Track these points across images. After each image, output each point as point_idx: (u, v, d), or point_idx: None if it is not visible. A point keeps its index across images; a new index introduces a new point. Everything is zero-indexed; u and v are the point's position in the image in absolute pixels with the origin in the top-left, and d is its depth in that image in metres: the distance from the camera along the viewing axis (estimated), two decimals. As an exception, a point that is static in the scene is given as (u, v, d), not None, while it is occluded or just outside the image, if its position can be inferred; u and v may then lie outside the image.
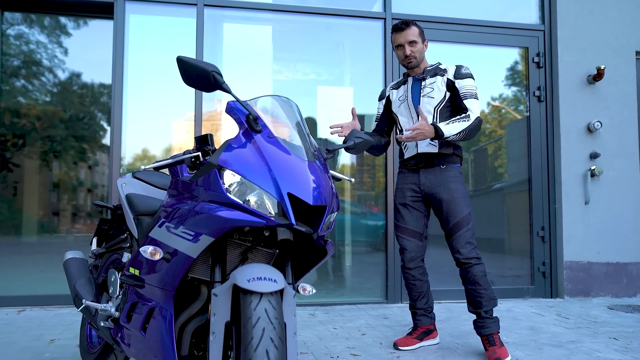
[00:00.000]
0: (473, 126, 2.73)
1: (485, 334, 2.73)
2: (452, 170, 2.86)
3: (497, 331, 2.74)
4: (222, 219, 1.46)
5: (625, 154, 4.61)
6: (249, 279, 1.40)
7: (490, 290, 2.76)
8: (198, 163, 1.68)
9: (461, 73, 2.85)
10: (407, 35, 2.87)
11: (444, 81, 2.86)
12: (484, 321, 2.74)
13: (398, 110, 3.00)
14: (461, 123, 2.71)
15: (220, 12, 4.27)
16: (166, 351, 1.60)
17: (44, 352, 2.74)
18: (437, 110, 2.86)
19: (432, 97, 2.86)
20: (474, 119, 2.74)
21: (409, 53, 2.89)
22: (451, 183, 2.82)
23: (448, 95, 2.86)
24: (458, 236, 2.78)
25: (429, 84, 2.89)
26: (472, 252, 2.76)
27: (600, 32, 4.65)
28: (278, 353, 1.32)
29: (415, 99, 2.92)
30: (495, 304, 2.76)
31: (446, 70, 2.89)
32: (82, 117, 4.45)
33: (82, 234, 4.41)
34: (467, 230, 2.78)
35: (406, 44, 2.88)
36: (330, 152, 1.88)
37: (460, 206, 2.79)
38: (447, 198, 2.80)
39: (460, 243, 2.77)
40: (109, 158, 4.14)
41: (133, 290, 1.82)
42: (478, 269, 2.75)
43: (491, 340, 2.71)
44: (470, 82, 2.84)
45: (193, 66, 1.61)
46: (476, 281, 2.74)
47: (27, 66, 4.32)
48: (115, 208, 2.43)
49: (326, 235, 1.69)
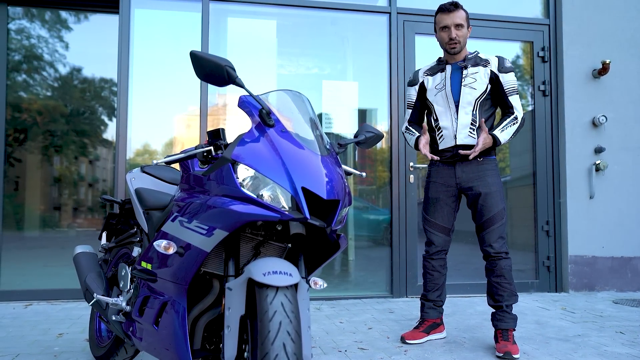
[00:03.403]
0: (520, 127, 2.77)
1: (502, 327, 2.73)
2: (489, 163, 2.82)
3: (513, 328, 2.74)
4: (237, 213, 1.46)
5: (630, 149, 4.60)
6: (264, 273, 1.40)
7: (513, 286, 2.77)
8: (210, 157, 1.68)
9: (505, 67, 2.79)
10: (455, 18, 2.76)
11: (487, 73, 2.78)
12: (504, 315, 2.74)
13: (434, 99, 2.88)
14: (513, 127, 2.74)
15: (225, 6, 4.25)
16: (179, 345, 1.61)
17: (53, 346, 2.75)
18: (478, 102, 2.79)
19: (474, 88, 2.77)
20: (520, 119, 2.76)
21: (454, 36, 2.77)
22: (488, 177, 2.79)
23: (490, 88, 2.79)
24: (491, 230, 2.76)
25: (471, 74, 2.79)
26: (503, 246, 2.76)
27: (605, 26, 4.63)
28: (295, 346, 1.32)
29: (455, 88, 2.81)
30: (516, 300, 2.77)
31: (488, 61, 2.80)
32: (83, 112, 4.45)
33: (84, 228, 4.42)
34: (501, 225, 2.76)
35: (453, 26, 2.77)
36: (342, 146, 1.88)
37: (496, 200, 2.76)
38: (484, 192, 2.77)
39: (493, 237, 2.75)
40: (114, 152, 4.13)
41: (145, 285, 1.82)
42: (506, 263, 2.75)
43: (505, 335, 2.71)
44: (513, 76, 2.79)
45: (207, 61, 1.60)
46: (502, 274, 2.74)
47: (29, 61, 4.31)
48: (124, 202, 2.43)
49: (339, 230, 1.69)
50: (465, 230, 4.50)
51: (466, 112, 2.79)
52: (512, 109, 2.77)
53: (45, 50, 4.34)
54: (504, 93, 2.78)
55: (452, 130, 2.81)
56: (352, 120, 4.45)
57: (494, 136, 2.71)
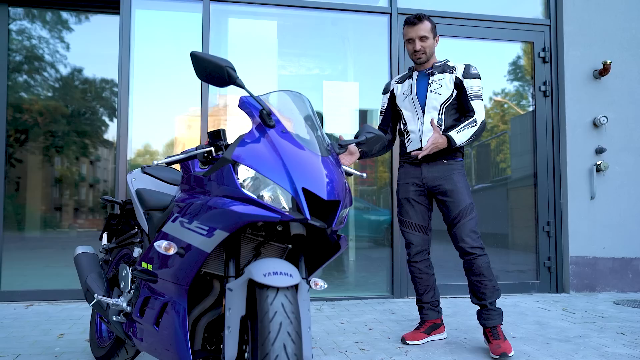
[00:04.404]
0: (480, 130, 2.79)
1: (490, 325, 2.73)
2: (455, 164, 2.87)
3: (501, 323, 2.74)
4: (237, 214, 1.46)
5: (631, 149, 4.60)
6: (265, 274, 1.40)
7: (494, 281, 2.76)
8: (211, 158, 1.68)
9: (470, 73, 2.86)
10: (419, 30, 2.87)
11: (452, 79, 2.86)
12: (489, 312, 2.74)
13: (402, 104, 2.99)
14: (470, 129, 2.76)
15: (226, 6, 4.26)
16: (180, 345, 1.61)
17: (53, 347, 2.75)
18: (443, 107, 2.86)
19: (440, 94, 2.86)
20: (480, 122, 2.79)
21: (419, 48, 2.88)
22: (454, 175, 2.84)
23: (455, 94, 2.86)
24: (462, 224, 2.76)
25: (437, 80, 2.89)
26: (476, 241, 2.75)
27: (606, 26, 4.63)
28: (295, 347, 1.32)
29: (421, 93, 2.91)
30: (498, 295, 2.76)
31: (455, 68, 2.89)
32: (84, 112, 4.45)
33: (85, 229, 4.42)
34: (471, 219, 2.77)
35: (417, 38, 2.88)
36: (342, 146, 1.88)
37: (463, 195, 2.79)
38: (450, 188, 2.81)
39: (464, 231, 2.75)
40: (115, 153, 4.13)
41: (145, 285, 1.82)
42: (482, 260, 2.74)
43: (495, 333, 2.71)
44: (478, 82, 2.85)
45: (207, 62, 1.60)
46: (481, 272, 2.73)
47: (29, 61, 4.32)
48: (124, 203, 2.43)
49: (339, 230, 1.69)
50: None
51: (432, 116, 2.87)
52: (472, 112, 2.82)
53: (46, 50, 4.35)
54: (466, 98, 2.84)
55: (419, 134, 2.90)
56: (353, 121, 4.45)
57: (448, 137, 2.72)
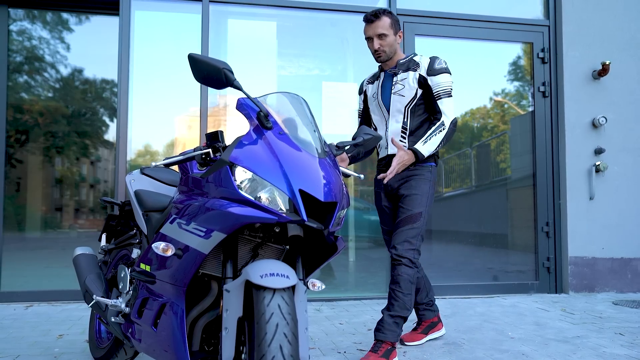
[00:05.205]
0: (450, 132, 2.60)
1: (377, 337, 2.52)
2: (421, 169, 2.67)
3: (391, 342, 2.51)
4: (234, 215, 1.47)
5: (630, 150, 4.60)
6: (262, 275, 1.40)
7: (408, 299, 2.53)
8: (208, 160, 1.69)
9: (434, 68, 2.62)
10: (376, 28, 2.64)
11: (415, 78, 2.64)
12: (385, 327, 2.53)
13: (371, 107, 2.82)
14: (438, 136, 2.56)
15: (225, 8, 4.26)
16: (177, 346, 1.61)
17: (53, 347, 2.76)
18: (408, 109, 2.67)
19: (403, 95, 2.66)
20: (449, 125, 2.59)
21: (377, 47, 2.66)
22: (413, 180, 2.66)
23: (420, 93, 2.65)
24: (400, 232, 2.58)
25: (400, 80, 2.68)
26: (407, 252, 2.54)
27: (605, 27, 4.63)
28: (291, 348, 1.33)
29: (386, 96, 2.73)
30: (406, 314, 2.54)
31: (419, 65, 2.66)
32: (85, 113, 4.47)
33: (85, 229, 4.43)
34: (411, 228, 2.56)
35: (375, 37, 2.66)
36: (340, 148, 1.89)
37: (413, 203, 2.60)
38: (404, 193, 2.65)
39: (398, 239, 2.56)
40: (115, 154, 4.14)
41: (144, 286, 1.83)
42: (405, 270, 2.53)
43: (376, 347, 2.50)
44: (445, 78, 2.62)
45: (204, 63, 1.61)
46: (398, 281, 2.53)
47: (30, 62, 4.33)
48: (123, 204, 2.44)
49: (336, 231, 1.69)
50: (465, 231, 4.51)
51: (397, 120, 2.70)
52: (439, 114, 2.62)
53: (47, 51, 4.36)
54: (433, 97, 2.64)
55: (385, 140, 2.76)
56: (352, 122, 4.46)
57: (414, 151, 2.54)
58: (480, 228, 4.55)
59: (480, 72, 4.71)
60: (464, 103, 4.72)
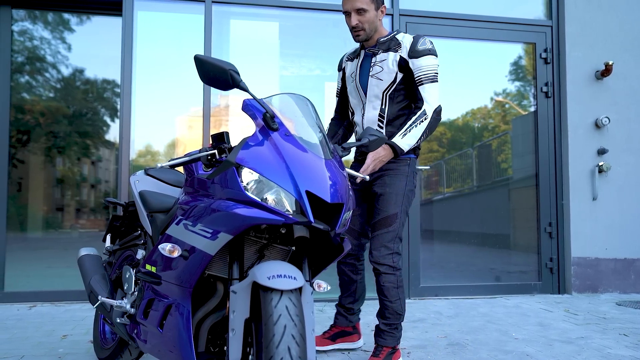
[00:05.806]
0: (434, 122, 2.33)
1: (378, 342, 2.47)
2: (398, 162, 2.42)
3: (391, 346, 2.44)
4: (241, 217, 1.46)
5: (634, 150, 4.60)
6: (269, 277, 1.40)
7: (397, 304, 2.42)
8: (214, 161, 1.69)
9: (417, 50, 2.32)
10: (355, 2, 2.34)
11: (395, 60, 2.35)
12: (383, 333, 2.46)
13: (349, 90, 2.54)
14: (419, 127, 2.29)
15: (228, 8, 4.26)
16: (183, 347, 1.61)
17: (57, 348, 2.76)
18: (386, 95, 2.39)
19: (381, 79, 2.38)
20: (431, 114, 2.31)
21: (355, 24, 2.37)
22: (387, 176, 2.42)
23: (400, 77, 2.37)
24: (376, 236, 2.40)
25: (379, 62, 2.39)
26: (385, 258, 2.37)
27: (608, 27, 4.63)
28: (299, 350, 1.33)
29: (364, 79, 2.44)
30: (401, 318, 2.46)
31: (401, 45, 2.37)
32: (86, 113, 4.47)
33: (87, 229, 4.44)
34: (388, 232, 2.37)
35: (353, 11, 2.36)
36: (345, 149, 1.89)
37: (388, 203, 2.38)
38: (379, 192, 2.42)
39: (375, 244, 2.40)
40: (117, 154, 4.14)
41: (149, 287, 1.83)
42: (386, 279, 2.38)
43: (377, 351, 2.45)
44: (428, 60, 2.32)
45: (211, 65, 1.61)
46: (382, 292, 2.41)
47: (31, 62, 4.33)
48: (127, 205, 2.44)
49: (342, 233, 1.69)
50: (467, 231, 4.51)
51: (374, 106, 2.43)
52: (420, 102, 2.33)
53: (48, 51, 4.36)
54: (414, 83, 2.35)
55: (361, 127, 2.51)
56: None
57: (392, 145, 2.28)
58: (482, 228, 4.55)
59: (481, 72, 4.70)
60: (465, 103, 4.72)
